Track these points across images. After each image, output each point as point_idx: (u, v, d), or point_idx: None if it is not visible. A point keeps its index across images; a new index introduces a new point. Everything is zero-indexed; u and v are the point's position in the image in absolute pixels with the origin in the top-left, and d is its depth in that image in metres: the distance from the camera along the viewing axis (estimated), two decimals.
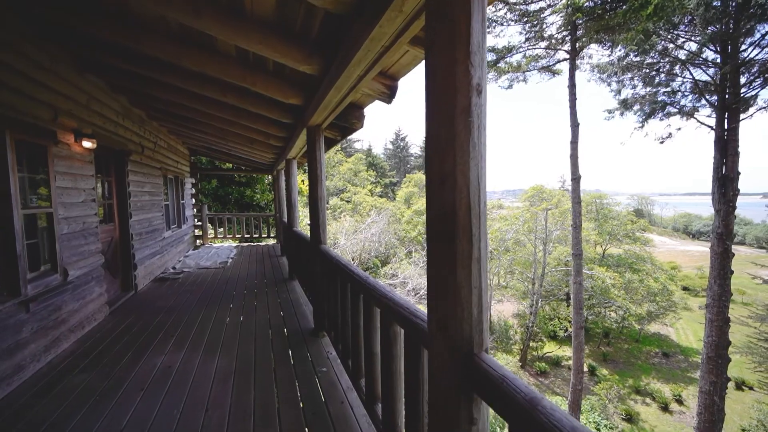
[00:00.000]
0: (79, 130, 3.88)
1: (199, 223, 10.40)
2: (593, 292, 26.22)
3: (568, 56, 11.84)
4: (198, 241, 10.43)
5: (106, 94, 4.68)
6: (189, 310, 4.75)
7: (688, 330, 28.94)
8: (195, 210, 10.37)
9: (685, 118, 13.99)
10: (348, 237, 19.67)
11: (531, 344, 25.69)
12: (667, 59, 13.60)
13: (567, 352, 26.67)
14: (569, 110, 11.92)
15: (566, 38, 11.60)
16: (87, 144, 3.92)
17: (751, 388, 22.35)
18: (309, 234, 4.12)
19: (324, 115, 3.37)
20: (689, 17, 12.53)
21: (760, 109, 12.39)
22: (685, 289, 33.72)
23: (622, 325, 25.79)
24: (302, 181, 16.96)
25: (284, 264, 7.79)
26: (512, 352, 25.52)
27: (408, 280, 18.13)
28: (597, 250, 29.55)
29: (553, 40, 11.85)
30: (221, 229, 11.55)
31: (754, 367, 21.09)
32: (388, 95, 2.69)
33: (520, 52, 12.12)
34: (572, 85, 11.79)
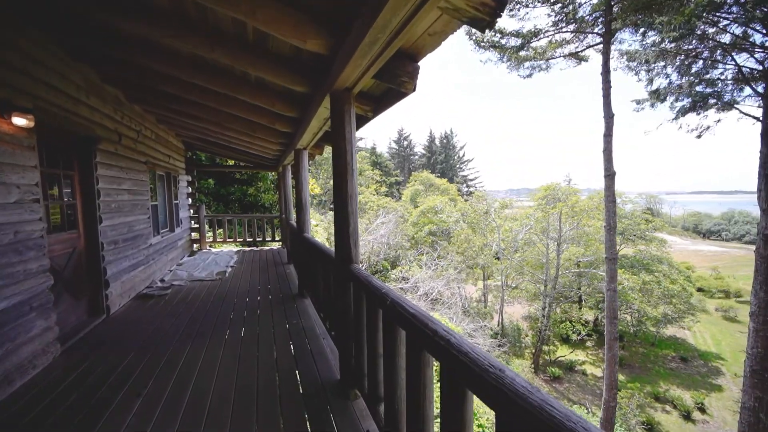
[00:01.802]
0: (7, 101, 2.70)
1: (196, 226, 9.22)
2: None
3: (600, 39, 10.60)
4: (195, 245, 9.25)
5: (59, 60, 3.50)
6: (171, 343, 3.55)
7: (705, 333, 27.63)
8: (191, 211, 9.20)
9: (724, 109, 12.73)
10: None
11: (543, 348, 24.48)
12: (705, 44, 12.34)
13: (580, 356, 25.43)
14: (602, 100, 10.67)
15: (598, 20, 10.35)
16: (19, 121, 2.74)
17: None
18: (332, 248, 2.93)
19: (359, 70, 2.17)
20: None
21: None
22: (699, 290, 32.36)
23: (639, 329, 24.48)
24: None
25: (292, 274, 6.60)
26: (524, 356, 24.31)
27: (419, 284, 16.93)
28: None
29: (584, 23, 10.60)
30: (221, 231, 10.38)
31: None
32: (490, 13, 1.49)
33: (547, 36, 10.88)
34: (606, 72, 10.55)
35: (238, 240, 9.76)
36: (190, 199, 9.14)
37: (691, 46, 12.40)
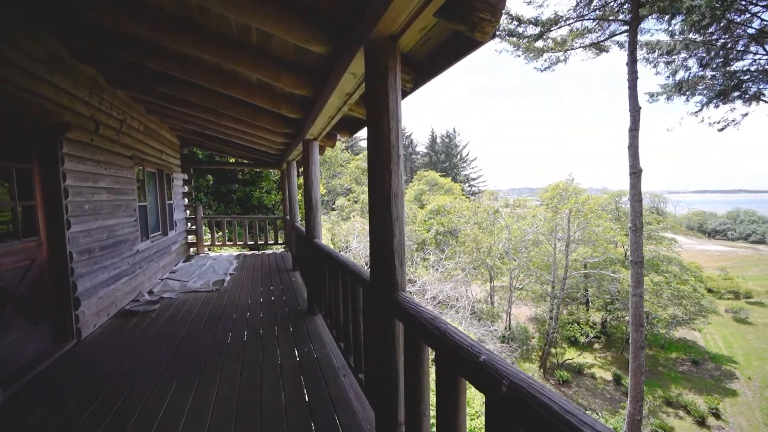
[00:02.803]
0: None
1: (193, 228, 8.43)
2: (618, 296, 24.21)
3: (626, 27, 9.79)
4: (191, 249, 8.46)
5: (8, 23, 2.72)
6: (153, 380, 2.76)
7: (716, 335, 26.84)
8: (188, 212, 8.40)
9: (750, 102, 11.94)
10: (360, 239, 17.69)
11: (550, 350, 23.72)
12: (732, 34, 11.53)
13: (588, 358, 24.67)
14: (628, 92, 9.87)
15: (624, 6, 9.54)
16: None
17: None
18: (368, 269, 2.14)
19: (415, 4, 1.40)
20: None
21: None
22: (708, 291, 31.58)
23: (649, 331, 23.67)
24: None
25: (298, 283, 5.81)
26: (531, 359, 23.55)
27: (427, 287, 16.13)
28: (619, 251, 27.45)
29: (608, 10, 9.80)
30: (221, 234, 9.59)
31: None
32: None
33: (568, 24, 10.08)
34: (633, 62, 9.74)
35: (238, 243, 8.96)
36: (186, 199, 8.35)
37: (716, 37, 11.61)
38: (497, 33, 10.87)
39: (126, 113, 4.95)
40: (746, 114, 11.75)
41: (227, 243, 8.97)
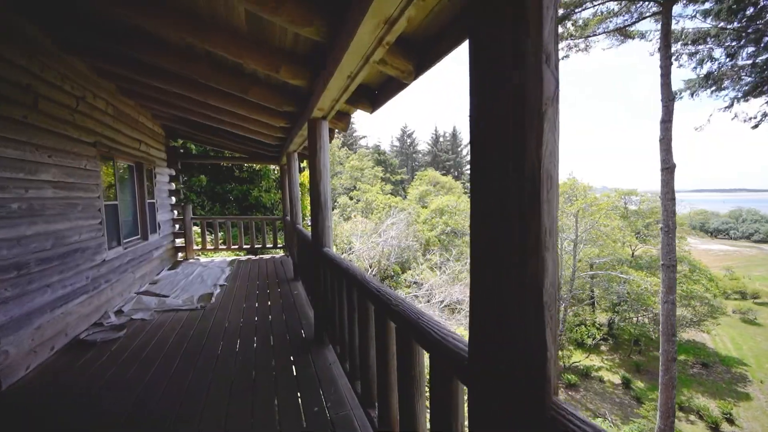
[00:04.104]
0: None
1: (182, 231, 7.39)
2: (626, 297, 23.30)
3: (659, 8, 8.80)
4: (179, 254, 7.42)
5: None
6: None
7: (725, 337, 25.96)
8: (175, 213, 7.35)
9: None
10: (364, 240, 16.67)
11: (558, 353, 22.80)
12: (761, 21, 10.55)
13: (595, 361, 23.76)
14: (661, 80, 8.88)
15: None
16: None
17: None
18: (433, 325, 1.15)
19: None
20: None
21: None
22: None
23: (659, 333, 22.71)
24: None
25: (302, 298, 4.78)
26: None
27: (434, 290, 15.14)
28: (626, 251, 26.54)
29: None
30: (214, 237, 8.54)
31: None
32: None
33: (594, 5, 9.06)
34: (666, 46, 8.75)
35: (233, 247, 7.93)
36: (173, 198, 7.30)
37: (746, 23, 10.62)
38: None
39: (87, 90, 3.90)
40: None
41: (220, 247, 7.93)
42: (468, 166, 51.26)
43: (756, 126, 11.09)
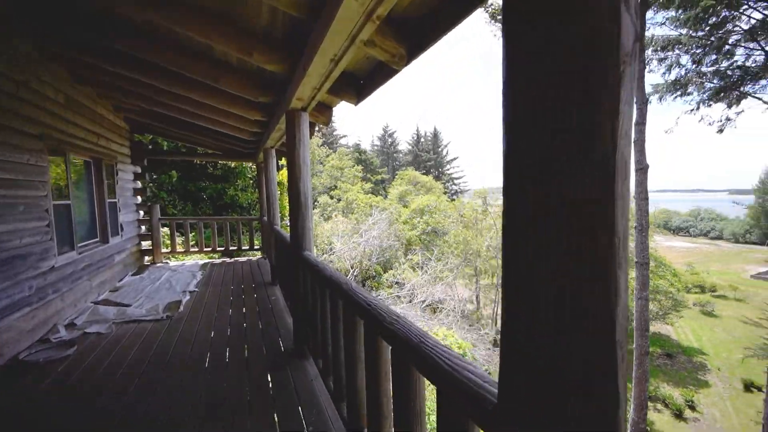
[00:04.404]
0: None
1: (149, 233, 6.83)
2: None
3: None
4: (146, 258, 6.85)
5: None
6: None
7: (686, 328, 27.41)
8: (141, 213, 6.79)
9: (738, 101, 11.57)
10: (345, 240, 16.34)
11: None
12: (721, 31, 11.08)
13: None
14: (635, 83, 9.11)
15: None
16: None
17: (759, 389, 20.77)
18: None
19: None
20: None
21: None
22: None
23: (630, 326, 23.73)
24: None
25: (280, 304, 4.44)
26: None
27: (416, 290, 15.02)
28: None
29: None
30: (187, 238, 7.98)
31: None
32: None
33: None
34: (640, 50, 8.97)
35: (206, 249, 7.42)
36: (139, 197, 6.73)
37: (709, 32, 11.12)
38: (497, 16, 9.94)
39: (30, 74, 3.42)
40: (741, 111, 11.37)
41: (192, 249, 7.41)
42: (449, 167, 51.73)
43: (720, 131, 11.63)
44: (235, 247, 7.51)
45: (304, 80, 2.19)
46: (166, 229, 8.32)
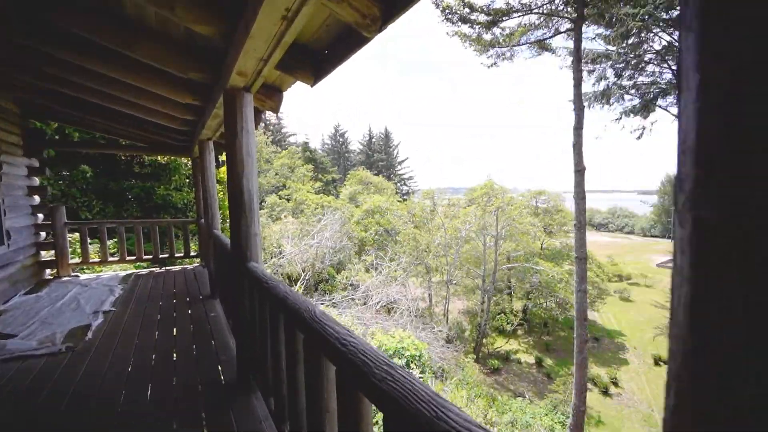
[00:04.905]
0: None
1: (52, 240, 5.57)
2: (538, 285, 25.96)
3: (571, 26, 9.64)
4: (47, 271, 5.59)
5: None
6: None
7: (609, 314, 30.73)
8: (40, 216, 5.51)
9: (648, 112, 13.09)
10: (295, 242, 15.48)
11: (482, 341, 24.51)
12: (640, 50, 12.43)
13: (514, 345, 26.12)
14: (573, 91, 9.74)
15: (570, 2, 9.33)
16: None
17: (666, 363, 23.93)
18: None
19: None
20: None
21: None
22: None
23: (565, 315, 25.90)
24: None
25: (220, 322, 3.76)
26: (466, 351, 24.01)
27: (371, 292, 14.72)
28: (537, 244, 29.69)
29: (555, 5, 9.54)
30: (105, 246, 6.69)
31: None
32: None
33: (518, 16, 9.56)
34: (578, 60, 9.62)
35: (129, 258, 6.29)
36: (36, 198, 5.46)
37: (629, 50, 12.38)
38: (450, 17, 9.97)
39: None
40: (655, 121, 12.80)
41: (112, 259, 6.23)
42: (400, 167, 52.28)
43: (639, 137, 13.00)
44: (167, 255, 6.48)
45: (246, 45, 1.69)
46: (76, 235, 6.95)
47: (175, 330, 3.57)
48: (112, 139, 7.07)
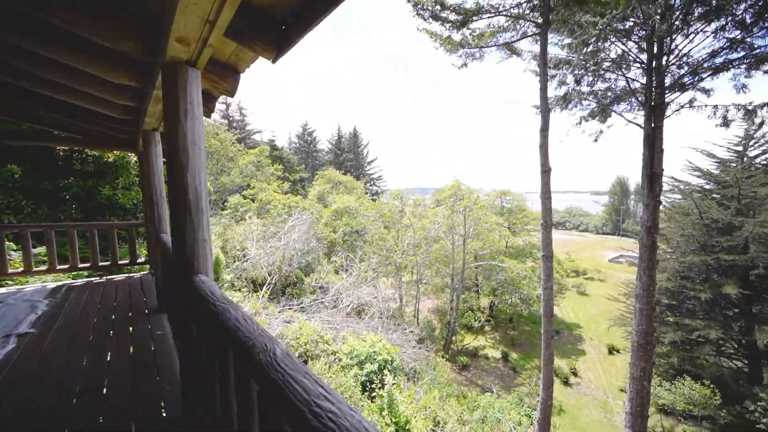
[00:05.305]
0: None
1: None
2: (503, 282, 26.77)
3: (537, 30, 9.83)
4: None
5: None
6: None
7: (567, 307, 32.44)
8: None
9: (602, 118, 13.81)
10: (260, 245, 14.67)
11: (452, 338, 24.87)
12: (600, 57, 13.04)
13: (481, 341, 26.77)
14: (540, 93, 9.94)
15: (536, 7, 9.52)
16: None
17: (618, 351, 25.59)
18: None
19: None
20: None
21: (674, 111, 12.64)
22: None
23: (529, 310, 26.86)
24: None
25: (167, 341, 3.18)
26: (437, 349, 24.23)
27: (341, 295, 14.28)
28: (502, 243, 30.62)
29: (522, 9, 9.69)
30: (28, 252, 5.70)
31: (626, 336, 23.87)
32: None
33: (487, 17, 9.58)
34: (544, 64, 9.82)
35: (61, 267, 5.41)
36: None
37: (587, 56, 12.95)
38: (421, 12, 9.80)
39: None
40: (611, 126, 13.50)
41: (39, 269, 5.32)
42: (369, 167, 51.99)
43: (596, 140, 13.63)
44: (108, 262, 5.67)
45: None
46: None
47: (109, 355, 2.98)
48: (46, 131, 6.09)
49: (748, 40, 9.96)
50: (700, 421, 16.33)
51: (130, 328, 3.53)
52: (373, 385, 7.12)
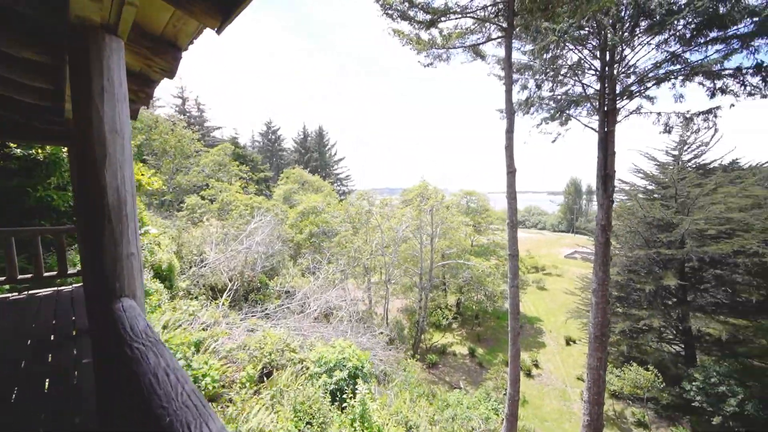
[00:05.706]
0: None
1: None
2: (469, 280, 27.39)
3: (502, 33, 9.99)
4: None
5: None
6: None
7: (528, 302, 33.94)
8: None
9: (562, 121, 14.49)
10: (220, 248, 13.71)
11: (421, 337, 25.01)
12: (558, 64, 13.61)
13: (449, 338, 27.23)
14: (505, 96, 10.11)
15: (502, 11, 9.66)
16: None
17: (575, 342, 27.13)
18: None
19: None
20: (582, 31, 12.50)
21: (624, 117, 13.51)
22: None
23: (493, 306, 27.63)
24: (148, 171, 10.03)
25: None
26: (409, 349, 24.25)
27: (308, 299, 13.72)
28: (468, 242, 31.35)
29: (487, 12, 9.79)
30: None
31: (582, 327, 25.35)
32: None
33: (455, 18, 9.57)
34: (509, 67, 9.99)
35: None
36: None
37: (547, 65, 13.47)
38: (390, 11, 9.57)
39: None
40: (568, 129, 14.12)
41: None
42: (336, 167, 51.12)
43: (554, 141, 14.23)
44: (30, 275, 4.83)
45: None
46: None
47: (14, 393, 2.39)
48: None
49: (685, 54, 10.82)
50: (645, 403, 17.64)
51: (50, 357, 2.92)
52: (344, 395, 6.76)
